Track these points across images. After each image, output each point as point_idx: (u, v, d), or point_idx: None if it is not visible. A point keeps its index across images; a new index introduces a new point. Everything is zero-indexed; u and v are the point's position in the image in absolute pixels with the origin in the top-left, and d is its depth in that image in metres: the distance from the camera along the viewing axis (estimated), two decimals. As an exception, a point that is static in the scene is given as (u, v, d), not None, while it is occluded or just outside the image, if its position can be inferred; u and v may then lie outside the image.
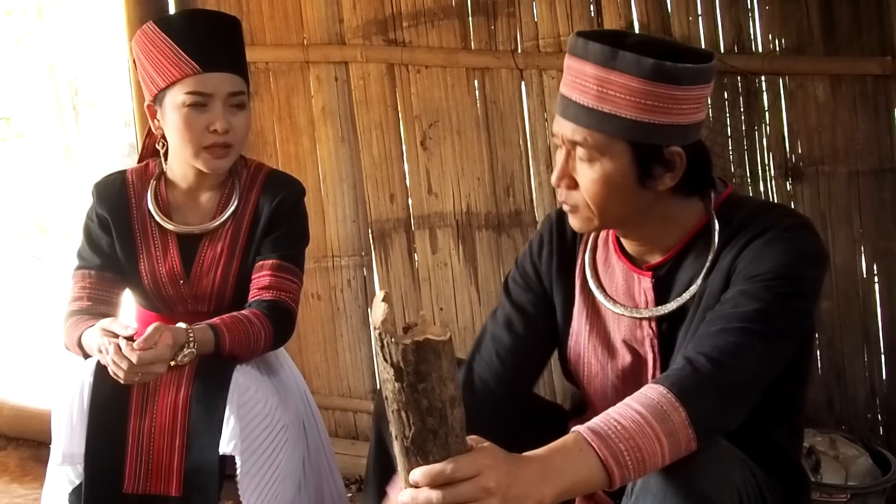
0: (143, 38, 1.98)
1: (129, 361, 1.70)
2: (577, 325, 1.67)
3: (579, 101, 1.44)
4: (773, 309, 1.39)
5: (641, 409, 1.28)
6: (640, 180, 1.46)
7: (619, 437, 1.25)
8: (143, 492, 1.79)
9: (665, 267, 1.56)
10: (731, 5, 2.55)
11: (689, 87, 1.41)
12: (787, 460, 1.58)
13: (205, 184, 2.07)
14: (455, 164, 2.86)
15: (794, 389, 1.57)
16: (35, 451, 3.13)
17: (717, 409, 1.33)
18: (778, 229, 1.45)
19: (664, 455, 1.27)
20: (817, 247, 1.48)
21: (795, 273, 1.42)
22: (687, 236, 1.55)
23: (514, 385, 1.69)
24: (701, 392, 1.32)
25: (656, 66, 1.37)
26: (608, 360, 1.63)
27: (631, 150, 1.43)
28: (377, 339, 1.10)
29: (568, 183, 1.50)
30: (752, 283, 1.42)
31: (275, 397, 1.95)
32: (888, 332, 2.54)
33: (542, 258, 1.70)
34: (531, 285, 1.71)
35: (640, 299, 1.59)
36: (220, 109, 1.94)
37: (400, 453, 1.15)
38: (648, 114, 1.40)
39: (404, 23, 2.86)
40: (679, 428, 1.28)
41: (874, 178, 2.50)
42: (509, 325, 1.69)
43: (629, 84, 1.39)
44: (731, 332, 1.38)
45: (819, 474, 2.26)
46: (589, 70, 1.42)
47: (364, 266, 3.03)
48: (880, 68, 2.44)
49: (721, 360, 1.35)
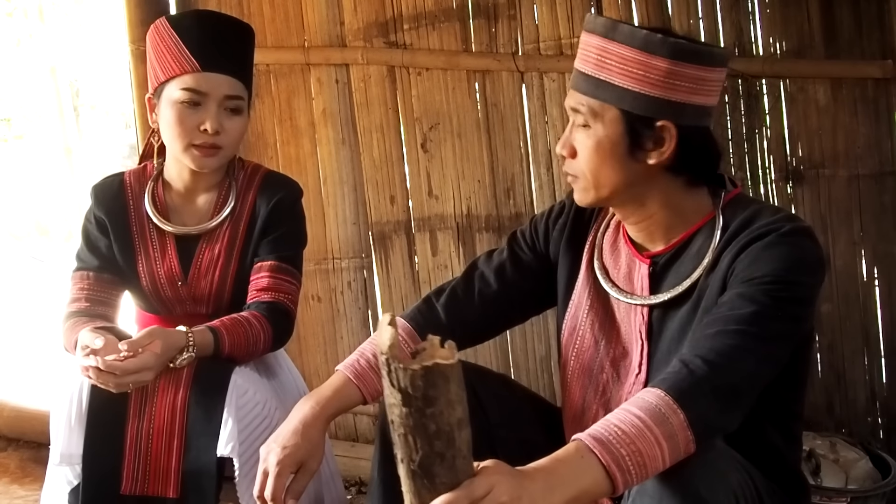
0: (154, 31, 2.00)
1: (112, 376, 1.71)
2: (578, 298, 1.70)
3: (583, 70, 1.53)
4: (769, 312, 1.40)
5: (640, 413, 1.29)
6: (630, 150, 1.51)
7: (620, 442, 1.26)
8: (141, 493, 1.80)
9: (665, 257, 1.59)
10: (732, 8, 2.55)
11: (681, 63, 1.45)
12: (786, 464, 1.58)
13: (201, 184, 2.07)
14: (455, 167, 2.86)
15: (791, 396, 1.58)
16: (35, 453, 3.13)
17: (714, 410, 1.34)
18: (778, 234, 1.46)
19: (664, 458, 1.28)
20: (816, 253, 1.48)
21: (792, 278, 1.43)
22: (690, 230, 1.57)
23: (480, 324, 1.78)
24: (698, 394, 1.33)
25: (647, 37, 1.46)
26: (602, 336, 1.66)
27: (622, 119, 1.50)
28: (384, 364, 1.08)
29: (569, 151, 1.57)
30: (749, 286, 1.43)
31: (274, 399, 1.95)
32: (888, 336, 2.53)
33: (556, 225, 1.76)
34: (537, 245, 1.78)
35: (637, 285, 1.62)
36: (214, 110, 1.94)
37: (406, 476, 1.14)
38: (640, 84, 1.47)
39: (405, 25, 2.86)
40: (678, 430, 1.29)
41: (875, 181, 2.49)
42: (501, 272, 1.78)
43: (624, 53, 1.47)
44: (727, 334, 1.39)
45: (819, 478, 2.26)
46: (593, 41, 1.51)
47: (364, 268, 3.03)
48: (881, 72, 2.43)
49: (717, 363, 1.36)
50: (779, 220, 1.49)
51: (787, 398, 1.56)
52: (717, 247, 1.51)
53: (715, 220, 1.55)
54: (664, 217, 1.57)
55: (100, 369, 1.72)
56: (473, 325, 1.78)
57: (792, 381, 1.55)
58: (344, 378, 1.70)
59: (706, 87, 1.50)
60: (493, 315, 1.80)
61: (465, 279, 1.81)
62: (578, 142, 1.54)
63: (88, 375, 1.74)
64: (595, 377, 1.67)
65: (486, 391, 1.74)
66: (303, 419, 1.63)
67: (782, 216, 1.51)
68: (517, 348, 2.87)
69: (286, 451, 1.59)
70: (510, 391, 1.83)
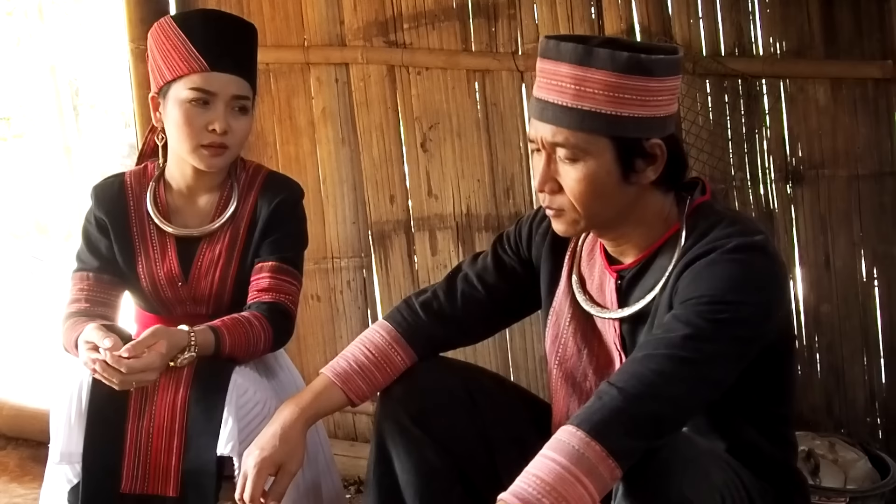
0: (159, 30, 1.99)
1: (118, 372, 1.71)
2: (559, 306, 1.69)
3: (557, 102, 1.44)
4: (706, 335, 1.37)
5: (557, 457, 1.31)
6: (624, 175, 1.47)
7: (542, 492, 1.28)
8: (141, 492, 1.79)
9: (632, 271, 1.57)
10: (732, 8, 2.55)
11: (664, 79, 1.43)
12: (778, 464, 1.57)
13: (203, 185, 2.07)
14: (455, 166, 2.86)
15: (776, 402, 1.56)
16: (34, 451, 3.13)
17: (633, 438, 1.32)
18: (722, 251, 1.42)
19: (591, 494, 1.29)
20: (765, 269, 1.43)
21: (732, 297, 1.38)
22: (656, 244, 1.55)
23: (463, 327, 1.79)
24: (613, 424, 1.32)
25: (631, 59, 1.40)
26: (585, 345, 1.65)
27: (613, 146, 1.44)
28: None
29: (552, 187, 1.50)
30: (684, 308, 1.40)
31: (274, 399, 1.95)
32: (888, 336, 2.54)
33: (539, 229, 1.74)
34: (521, 249, 1.76)
35: (608, 298, 1.61)
36: (222, 110, 1.94)
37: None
38: (627, 107, 1.42)
39: (405, 24, 2.86)
40: (598, 463, 1.29)
41: (874, 181, 2.50)
42: (483, 275, 1.77)
43: (606, 79, 1.40)
44: (652, 358, 1.37)
45: (818, 478, 2.26)
46: (564, 70, 1.43)
47: (364, 268, 3.03)
48: (881, 72, 2.44)
49: (635, 391, 1.34)
50: (729, 234, 1.44)
51: (768, 405, 1.55)
52: (677, 258, 1.49)
53: (679, 233, 1.51)
54: (634, 230, 1.55)
55: (106, 364, 1.71)
56: (456, 327, 1.78)
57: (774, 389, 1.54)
58: (326, 381, 1.71)
59: (677, 94, 1.50)
60: (475, 317, 1.79)
61: (448, 282, 1.80)
62: (565, 176, 1.48)
63: (94, 369, 1.74)
64: (579, 385, 1.67)
65: (481, 390, 1.74)
66: (282, 423, 1.65)
67: (734, 230, 1.45)
68: (516, 348, 2.87)
69: (263, 454, 1.62)
70: (504, 390, 1.83)
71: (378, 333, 1.76)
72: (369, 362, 1.72)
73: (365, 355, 1.73)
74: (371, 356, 1.73)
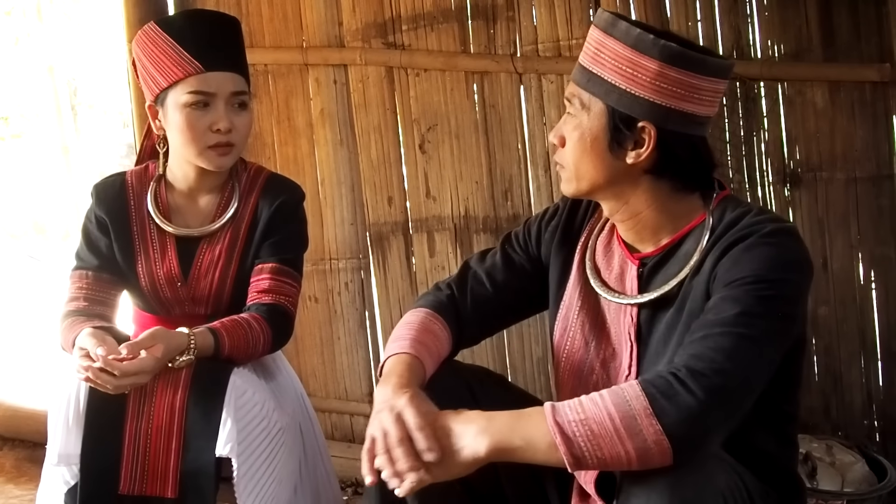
0: (145, 38, 1.98)
1: (111, 377, 1.71)
2: (569, 299, 1.71)
3: (581, 62, 1.57)
4: (756, 311, 1.39)
5: (604, 393, 1.36)
6: (610, 146, 1.53)
7: (572, 409, 1.34)
8: (139, 493, 1.79)
9: (654, 259, 1.59)
10: (731, 11, 2.55)
11: (670, 67, 1.46)
12: (781, 467, 1.57)
13: (205, 186, 2.07)
14: (453, 168, 2.86)
15: (784, 399, 1.56)
16: (31, 452, 3.13)
17: (694, 414, 1.31)
18: (759, 235, 1.45)
19: (618, 431, 1.30)
20: (800, 252, 1.48)
21: (776, 276, 1.42)
22: (680, 233, 1.57)
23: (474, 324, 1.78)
24: (675, 396, 1.31)
25: (640, 36, 1.47)
26: (593, 337, 1.67)
27: (607, 114, 1.51)
28: None
29: (559, 140, 1.59)
30: (732, 289, 1.42)
31: (272, 400, 1.95)
32: (885, 339, 2.54)
33: (548, 227, 1.77)
34: (530, 247, 1.79)
35: (628, 286, 1.62)
36: (223, 109, 1.95)
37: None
38: (627, 82, 1.48)
39: (403, 26, 2.86)
40: (641, 418, 1.30)
41: (872, 184, 2.50)
42: (493, 273, 1.78)
43: (617, 50, 1.50)
44: (712, 337, 1.38)
45: (815, 480, 2.26)
46: (594, 34, 1.55)
47: (362, 269, 3.03)
48: (879, 75, 2.44)
49: (702, 368, 1.34)
50: (762, 221, 1.48)
51: (779, 401, 1.55)
52: (703, 249, 1.51)
53: (704, 223, 1.55)
54: (651, 218, 1.58)
55: (98, 370, 1.71)
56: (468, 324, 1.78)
57: (784, 385, 1.54)
58: (405, 358, 1.61)
59: (698, 94, 1.49)
60: (485, 315, 1.79)
61: (460, 279, 1.80)
62: (567, 131, 1.57)
63: (87, 377, 1.74)
64: (585, 378, 1.67)
65: (484, 392, 1.74)
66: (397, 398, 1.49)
67: (766, 217, 1.50)
68: (514, 350, 2.88)
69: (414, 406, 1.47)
70: (507, 392, 1.83)
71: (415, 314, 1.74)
72: (422, 335, 1.67)
73: (416, 329, 1.68)
74: (421, 328, 1.69)
